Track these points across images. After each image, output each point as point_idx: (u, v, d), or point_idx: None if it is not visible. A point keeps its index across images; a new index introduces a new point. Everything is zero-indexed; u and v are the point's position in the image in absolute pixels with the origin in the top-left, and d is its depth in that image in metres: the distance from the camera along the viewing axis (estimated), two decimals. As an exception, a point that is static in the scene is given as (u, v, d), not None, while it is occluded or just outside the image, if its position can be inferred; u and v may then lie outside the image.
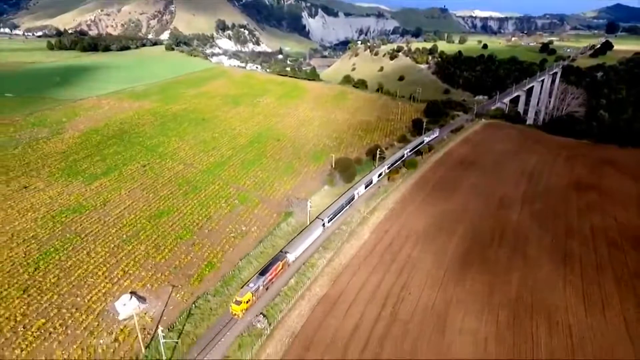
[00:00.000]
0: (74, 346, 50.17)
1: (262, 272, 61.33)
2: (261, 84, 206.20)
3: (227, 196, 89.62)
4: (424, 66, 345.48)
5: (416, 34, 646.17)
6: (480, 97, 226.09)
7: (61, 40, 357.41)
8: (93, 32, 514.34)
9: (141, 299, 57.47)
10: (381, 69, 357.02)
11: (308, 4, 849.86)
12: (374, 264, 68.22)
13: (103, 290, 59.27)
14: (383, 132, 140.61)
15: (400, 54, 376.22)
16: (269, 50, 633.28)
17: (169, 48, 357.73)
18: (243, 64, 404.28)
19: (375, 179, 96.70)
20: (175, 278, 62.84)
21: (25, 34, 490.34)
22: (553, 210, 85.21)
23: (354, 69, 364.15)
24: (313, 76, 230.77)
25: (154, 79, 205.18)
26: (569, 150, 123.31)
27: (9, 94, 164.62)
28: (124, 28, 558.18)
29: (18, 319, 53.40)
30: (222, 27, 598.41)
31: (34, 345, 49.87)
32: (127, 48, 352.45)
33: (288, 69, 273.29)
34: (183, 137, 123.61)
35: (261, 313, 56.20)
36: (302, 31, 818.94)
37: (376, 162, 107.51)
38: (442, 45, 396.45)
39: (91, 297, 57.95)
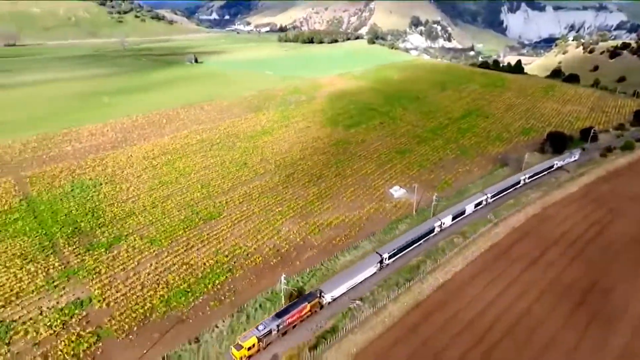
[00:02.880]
0: (372, 204, 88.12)
1: (280, 314, 53.22)
2: (464, 74, 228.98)
3: (449, 148, 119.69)
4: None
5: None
6: None
7: (286, 35, 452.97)
8: (304, 28, 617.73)
9: (405, 191, 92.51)
10: (595, 68, 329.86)
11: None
12: (581, 205, 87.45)
13: (380, 183, 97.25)
14: (596, 121, 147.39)
15: (625, 51, 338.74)
16: (460, 46, 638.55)
17: (371, 42, 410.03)
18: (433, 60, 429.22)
19: (469, 210, 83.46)
20: (424, 186, 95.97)
21: (256, 29, 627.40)
22: None
23: (559, 68, 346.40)
24: (517, 69, 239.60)
25: (365, 65, 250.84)
26: None
27: (269, 72, 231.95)
28: (328, 24, 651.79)
29: (337, 186, 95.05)
30: (415, 23, 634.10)
31: (352, 197, 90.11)
32: (336, 41, 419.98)
33: (489, 61, 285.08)
34: (405, 108, 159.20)
35: (491, 211, 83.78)
36: (499, 27, 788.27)
37: (588, 141, 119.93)
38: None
39: (374, 184, 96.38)
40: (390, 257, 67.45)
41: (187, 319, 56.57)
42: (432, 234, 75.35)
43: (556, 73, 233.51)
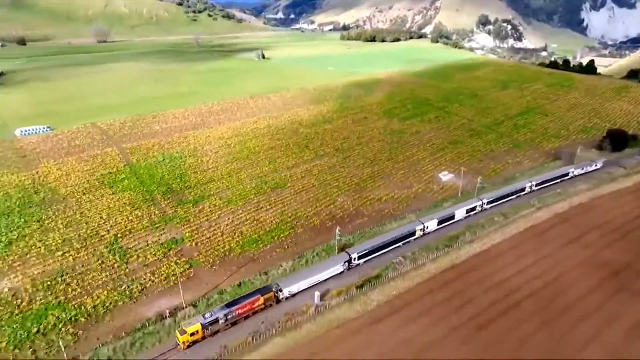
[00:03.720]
0: (421, 185, 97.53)
1: (229, 304, 55.46)
2: (530, 73, 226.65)
3: (502, 142, 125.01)
4: None
5: None
6: None
7: (349, 33, 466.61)
8: (367, 27, 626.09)
9: (452, 175, 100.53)
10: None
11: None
12: (632, 199, 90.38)
13: (430, 168, 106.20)
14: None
15: None
16: (531, 46, 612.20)
17: (434, 40, 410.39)
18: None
19: (459, 215, 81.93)
20: (472, 173, 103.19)
21: (320, 28, 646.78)
22: None
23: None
24: (589, 69, 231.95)
25: (426, 63, 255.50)
26: None
27: (330, 68, 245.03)
28: (392, 23, 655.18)
29: (389, 169, 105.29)
30: (483, 21, 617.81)
31: (402, 179, 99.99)
32: (398, 40, 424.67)
33: (560, 61, 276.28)
34: (462, 104, 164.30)
35: (535, 198, 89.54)
36: (577, 26, 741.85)
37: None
38: None
39: (424, 169, 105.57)
40: (360, 257, 67.38)
41: (257, 259, 70.49)
42: (412, 237, 74.74)
43: (634, 74, 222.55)
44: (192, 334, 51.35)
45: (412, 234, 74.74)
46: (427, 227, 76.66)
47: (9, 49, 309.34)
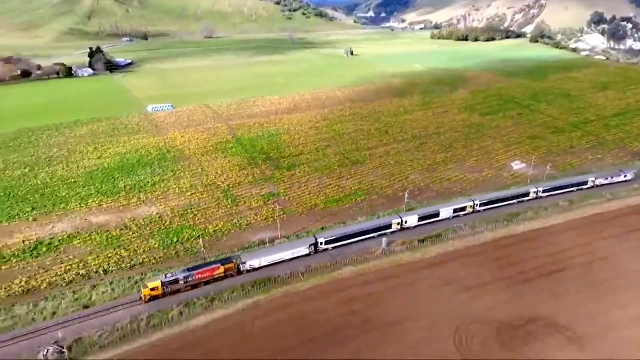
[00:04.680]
0: (491, 171, 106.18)
1: (190, 269, 62.22)
2: (639, 75, 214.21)
3: (586, 139, 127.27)
4: None
5: None
6: None
7: (440, 32, 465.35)
8: (460, 26, 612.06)
9: (525, 165, 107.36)
10: None
11: None
12: None
13: (503, 158, 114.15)
14: None
15: None
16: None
17: (533, 40, 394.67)
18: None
19: (445, 214, 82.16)
20: (545, 164, 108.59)
21: (410, 27, 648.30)
22: None
23: None
24: None
25: (518, 62, 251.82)
26: None
27: (417, 64, 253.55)
28: (489, 22, 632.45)
29: (462, 155, 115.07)
30: (596, 20, 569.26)
31: (474, 164, 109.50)
32: (493, 39, 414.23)
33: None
34: (550, 103, 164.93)
35: (607, 190, 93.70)
36: None
37: None
38: None
39: (497, 158, 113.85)
40: (328, 243, 70.59)
41: (337, 213, 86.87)
42: (389, 230, 76.74)
43: None
44: (152, 289, 58.87)
45: (389, 226, 76.99)
46: (405, 222, 78.04)
47: (135, 43, 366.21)
